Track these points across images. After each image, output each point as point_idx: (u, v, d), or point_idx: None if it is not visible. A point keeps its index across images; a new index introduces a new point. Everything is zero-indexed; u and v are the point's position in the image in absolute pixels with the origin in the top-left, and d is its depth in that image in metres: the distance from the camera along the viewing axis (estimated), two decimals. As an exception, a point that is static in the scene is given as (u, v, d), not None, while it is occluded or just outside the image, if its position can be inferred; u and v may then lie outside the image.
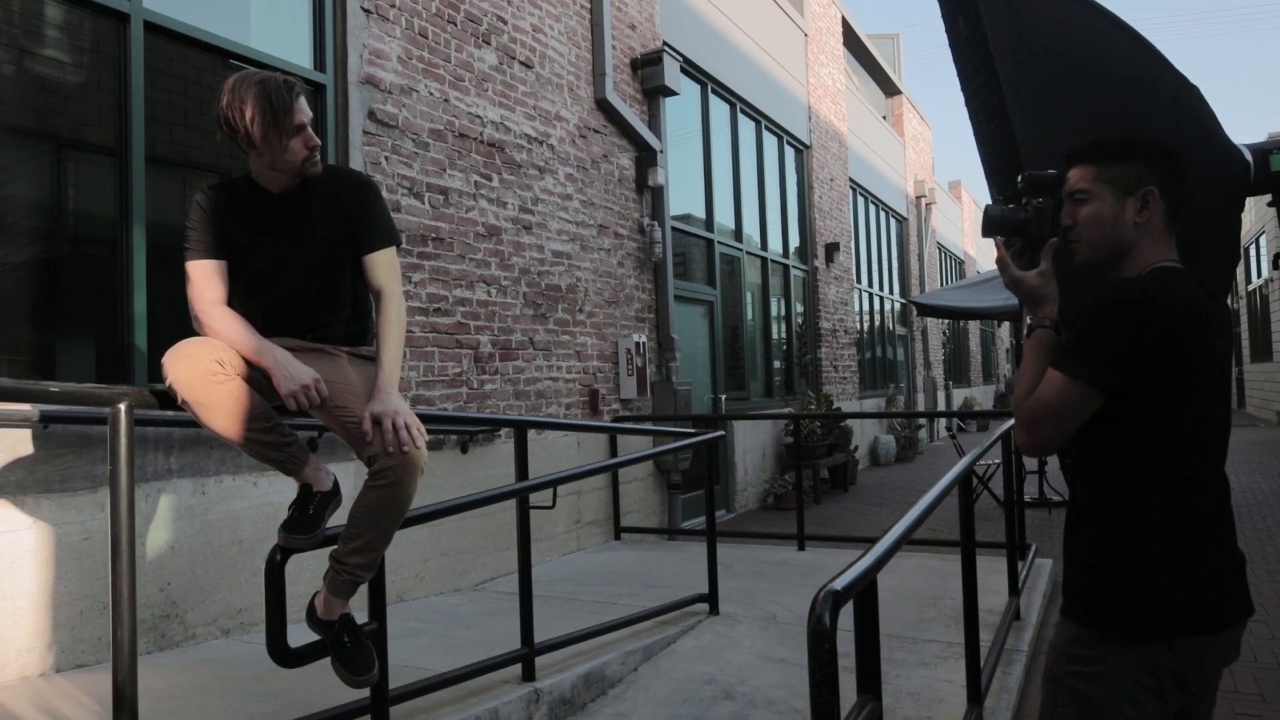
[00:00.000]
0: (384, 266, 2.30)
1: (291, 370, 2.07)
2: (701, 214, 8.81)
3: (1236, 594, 1.58)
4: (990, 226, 1.80)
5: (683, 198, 8.39)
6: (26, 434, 3.22)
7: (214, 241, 2.20)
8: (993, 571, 4.97)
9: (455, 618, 4.45)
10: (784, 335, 10.86)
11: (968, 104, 2.31)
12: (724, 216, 9.32)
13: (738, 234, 9.57)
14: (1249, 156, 2.18)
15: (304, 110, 2.18)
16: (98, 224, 3.82)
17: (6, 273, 3.49)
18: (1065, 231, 1.71)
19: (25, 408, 3.19)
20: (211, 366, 1.99)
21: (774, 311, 10.56)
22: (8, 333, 3.46)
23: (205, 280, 2.18)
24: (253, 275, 2.27)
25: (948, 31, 2.32)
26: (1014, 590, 4.47)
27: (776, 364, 10.50)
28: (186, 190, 4.23)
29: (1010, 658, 3.90)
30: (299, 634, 2.29)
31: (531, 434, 5.85)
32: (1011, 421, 5.13)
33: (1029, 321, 1.74)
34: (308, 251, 2.26)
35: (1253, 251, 20.30)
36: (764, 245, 10.29)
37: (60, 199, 3.72)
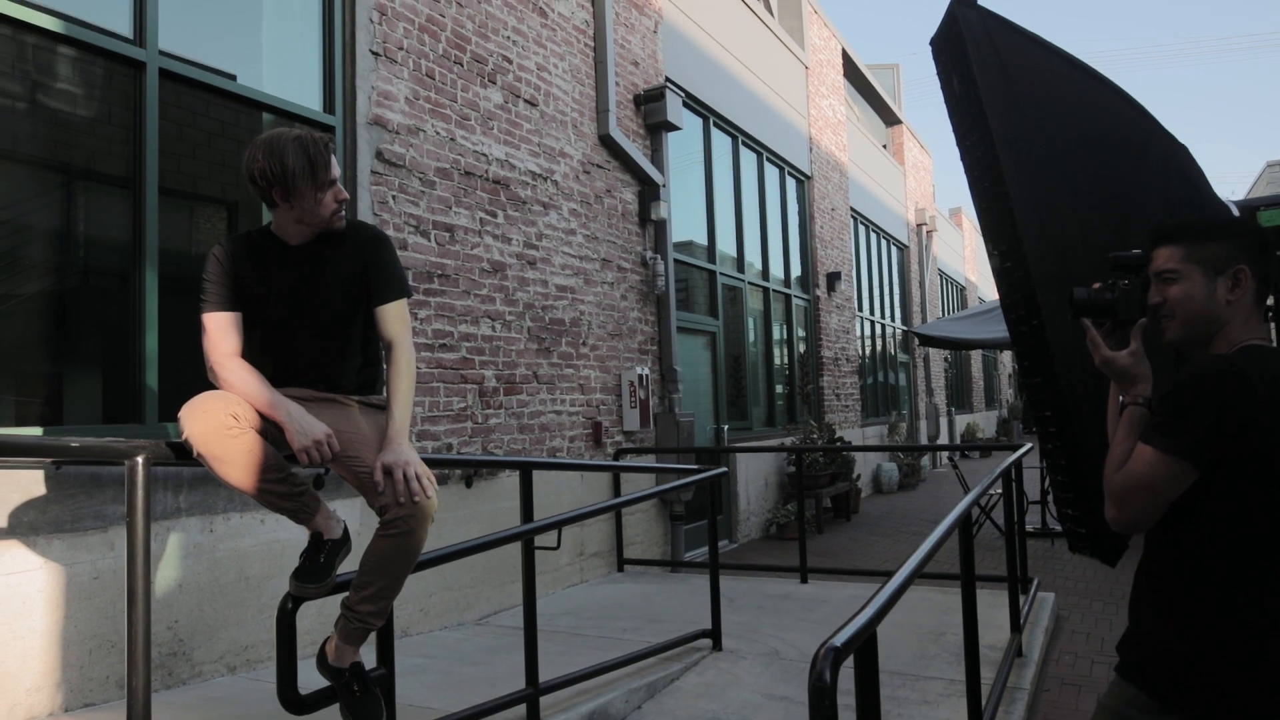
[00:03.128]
0: (395, 319, 2.36)
1: (304, 426, 2.12)
2: (704, 245, 8.89)
3: None
4: (1078, 309, 1.82)
5: (685, 229, 8.48)
6: (39, 475, 3.26)
7: (229, 294, 2.26)
8: (995, 606, 4.98)
9: (460, 654, 4.47)
10: (786, 364, 10.91)
11: (963, 160, 2.37)
12: (726, 247, 9.41)
13: (740, 264, 9.66)
14: (1236, 213, 2.23)
15: (335, 166, 2.26)
16: (110, 261, 3.89)
17: (21, 307, 3.55)
18: (1154, 310, 1.74)
19: (39, 449, 3.24)
20: (226, 421, 2.04)
21: (776, 341, 10.62)
22: (20, 368, 3.52)
23: (221, 332, 2.24)
24: (268, 325, 2.32)
25: (943, 89, 2.38)
26: (1016, 627, 4.49)
27: (779, 392, 10.55)
28: (197, 230, 4.31)
29: (1012, 696, 3.92)
30: (306, 670, 2.33)
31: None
32: (1015, 454, 5.15)
33: (1122, 399, 1.76)
34: (322, 304, 2.32)
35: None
36: (765, 275, 10.37)
37: (74, 236, 3.80)
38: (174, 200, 4.07)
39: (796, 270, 11.39)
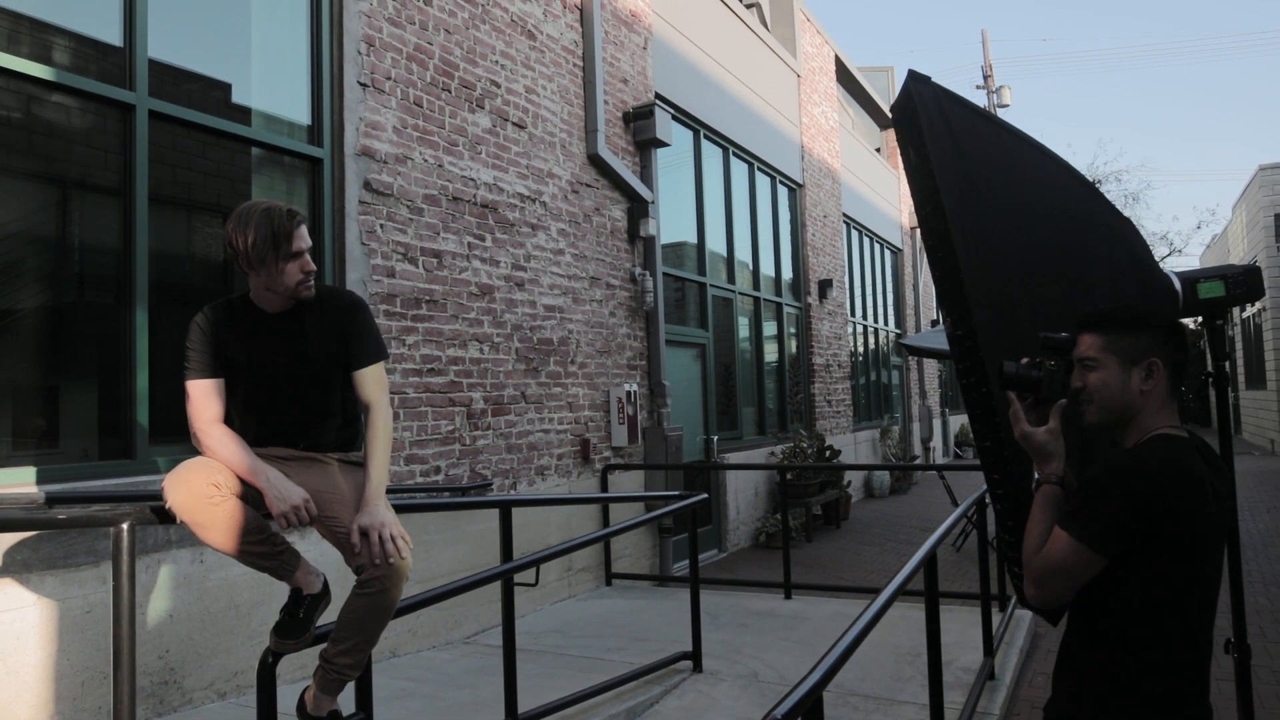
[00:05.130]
0: (373, 382, 2.45)
1: (283, 491, 2.22)
2: (694, 258, 8.98)
3: None
4: (1005, 382, 1.91)
5: (675, 242, 8.56)
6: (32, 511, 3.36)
7: (212, 361, 2.36)
8: (974, 624, 5.09)
9: (446, 676, 4.58)
10: (777, 373, 11.01)
11: (920, 228, 2.46)
12: (716, 259, 9.50)
13: (730, 275, 9.74)
14: (1178, 284, 2.32)
15: (303, 238, 2.35)
16: (103, 301, 3.98)
17: (12, 345, 3.64)
18: (1076, 393, 1.84)
19: (31, 489, 3.34)
20: (208, 490, 2.14)
21: (767, 350, 10.72)
22: (15, 407, 3.61)
23: (204, 399, 2.33)
24: (249, 389, 2.42)
25: (902, 158, 2.47)
26: (989, 650, 4.59)
27: (770, 401, 10.64)
28: (189, 267, 4.40)
29: (981, 721, 4.03)
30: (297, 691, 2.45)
31: (522, 484, 6.00)
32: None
33: (1037, 476, 1.86)
34: (301, 368, 2.42)
35: (1245, 280, 20.37)
36: (756, 285, 10.46)
37: (66, 276, 3.89)
38: (163, 237, 4.16)
39: (788, 278, 11.48)
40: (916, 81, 2.35)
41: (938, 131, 2.34)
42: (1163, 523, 1.63)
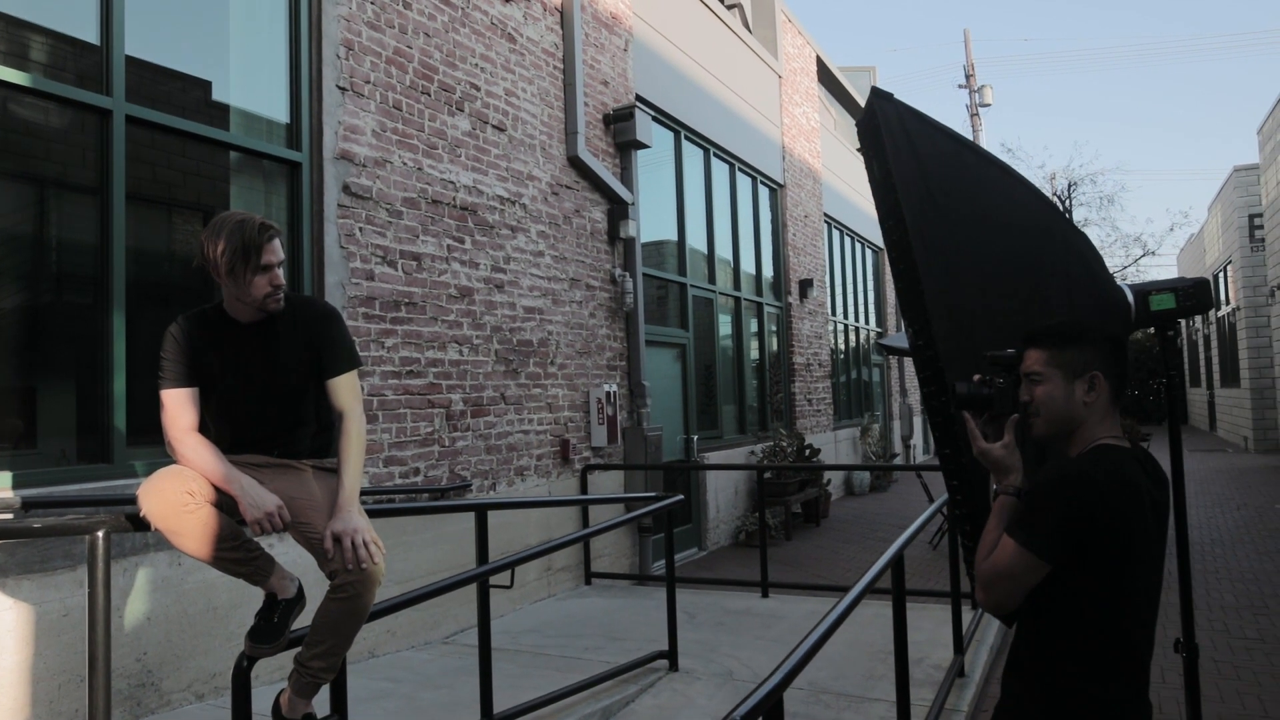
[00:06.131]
0: (346, 390, 2.49)
1: (257, 498, 2.25)
2: (675, 258, 9.04)
3: None
4: (959, 402, 1.99)
5: (656, 242, 8.62)
6: (7, 519, 3.37)
7: (186, 370, 2.39)
8: (946, 623, 5.18)
9: (424, 676, 4.62)
10: (757, 372, 11.09)
11: (884, 240, 2.52)
12: (697, 260, 9.56)
13: (711, 276, 9.81)
14: (1130, 296, 2.40)
15: (275, 251, 2.38)
16: (80, 306, 3.99)
17: (-9, 358, 3.65)
18: (1024, 407, 1.92)
19: (7, 494, 3.36)
20: (182, 498, 2.17)
21: (747, 349, 10.79)
22: (-8, 416, 3.62)
23: (178, 408, 2.36)
24: (224, 398, 2.45)
25: (866, 170, 2.54)
26: (959, 648, 4.68)
27: (750, 400, 10.72)
28: (166, 269, 4.41)
29: (949, 718, 4.11)
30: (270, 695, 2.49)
31: (501, 484, 6.04)
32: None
33: (995, 488, 1.93)
34: (275, 377, 2.45)
35: (1221, 280, 20.74)
36: (737, 285, 10.53)
37: (43, 278, 3.90)
38: (141, 239, 4.17)
39: (769, 278, 11.56)
40: (879, 98, 2.42)
41: (899, 146, 2.41)
42: (1103, 532, 1.71)
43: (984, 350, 2.24)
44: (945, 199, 2.41)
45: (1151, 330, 2.50)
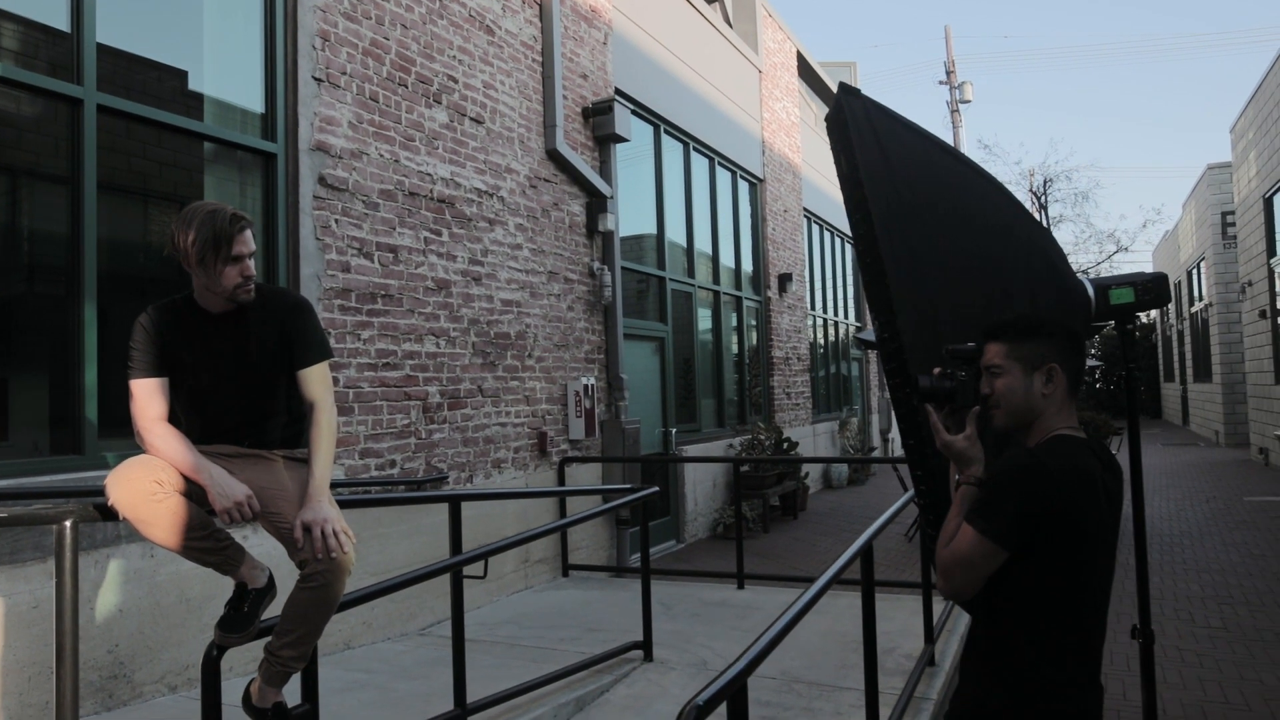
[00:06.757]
0: (317, 381, 2.50)
1: (226, 488, 2.26)
2: (654, 252, 9.06)
3: None
4: (922, 395, 2.03)
5: (635, 236, 8.63)
6: (-22, 509, 3.35)
7: (156, 360, 2.39)
8: (918, 613, 5.24)
9: (399, 667, 4.63)
10: (736, 366, 11.14)
11: (852, 235, 2.56)
12: (676, 254, 9.58)
13: (690, 269, 9.84)
14: (1091, 291, 2.45)
15: (246, 242, 2.38)
16: (50, 296, 3.96)
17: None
18: (985, 400, 1.96)
19: (-23, 485, 3.34)
20: (151, 487, 2.18)
21: (726, 343, 10.84)
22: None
23: (147, 398, 2.36)
24: (194, 388, 2.45)
25: (835, 166, 2.57)
26: (930, 637, 4.75)
27: (729, 394, 10.78)
28: (136, 260, 4.39)
29: (919, 706, 4.17)
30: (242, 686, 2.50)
31: (478, 477, 6.05)
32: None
33: (956, 478, 1.98)
34: (245, 368, 2.46)
35: (1194, 276, 21.02)
36: (716, 279, 10.57)
37: (13, 269, 3.86)
38: (113, 229, 4.14)
39: (748, 272, 11.61)
40: (847, 94, 2.45)
41: (867, 142, 2.44)
42: (1058, 519, 1.76)
43: (948, 344, 2.29)
44: (911, 194, 2.45)
45: (1112, 324, 2.56)
